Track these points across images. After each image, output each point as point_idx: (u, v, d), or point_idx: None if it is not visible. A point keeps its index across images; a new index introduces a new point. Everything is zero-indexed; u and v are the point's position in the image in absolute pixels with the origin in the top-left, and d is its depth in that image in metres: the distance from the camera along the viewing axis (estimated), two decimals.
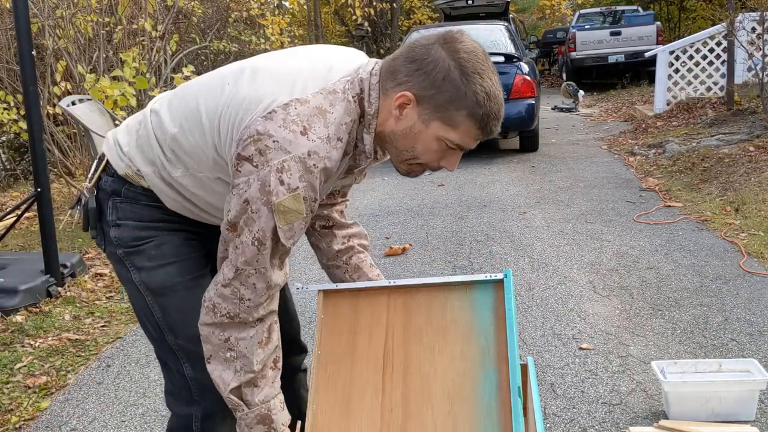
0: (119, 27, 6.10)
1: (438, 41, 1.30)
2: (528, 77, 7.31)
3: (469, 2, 11.31)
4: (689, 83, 9.42)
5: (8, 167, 7.61)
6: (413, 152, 1.35)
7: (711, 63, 9.24)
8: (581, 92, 12.21)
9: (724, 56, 8.48)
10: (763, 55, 6.90)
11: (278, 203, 1.23)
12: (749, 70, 7.56)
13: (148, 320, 1.50)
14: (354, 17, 14.14)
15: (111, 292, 3.94)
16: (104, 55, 5.93)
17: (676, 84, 9.45)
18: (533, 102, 7.20)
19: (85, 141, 5.46)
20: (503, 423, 1.40)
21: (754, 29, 7.22)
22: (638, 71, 13.89)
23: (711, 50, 9.17)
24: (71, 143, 6.17)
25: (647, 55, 10.38)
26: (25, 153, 7.37)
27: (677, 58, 9.34)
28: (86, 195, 1.48)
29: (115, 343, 3.24)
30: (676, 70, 9.39)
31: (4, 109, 5.55)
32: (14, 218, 4.10)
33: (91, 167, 1.51)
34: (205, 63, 9.61)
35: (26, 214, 4.52)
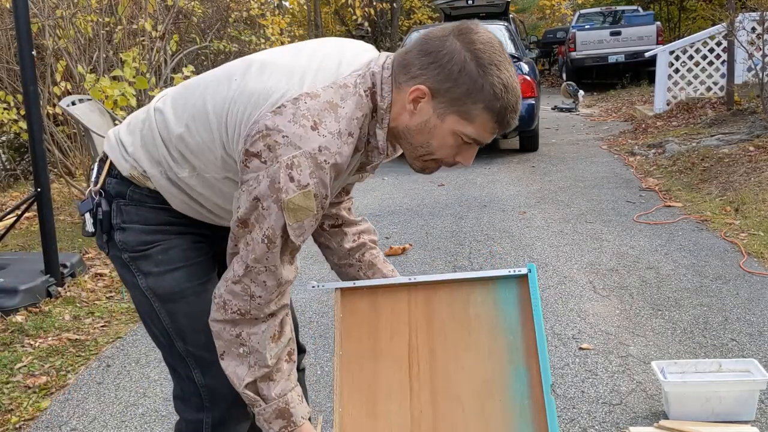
0: (119, 27, 6.10)
1: (453, 33, 1.25)
2: (528, 77, 7.32)
3: (470, 2, 11.30)
4: (689, 83, 9.43)
5: (8, 167, 7.60)
6: (428, 148, 1.31)
7: (711, 63, 9.25)
8: (581, 92, 12.21)
9: (724, 56, 8.48)
10: (763, 55, 6.89)
11: (288, 200, 1.20)
12: (749, 70, 7.56)
13: (155, 325, 1.46)
14: (354, 17, 14.14)
15: (111, 292, 3.94)
16: (104, 55, 5.92)
17: (676, 84, 9.46)
18: (533, 102, 7.21)
19: (85, 141, 5.46)
20: (538, 422, 1.37)
21: (754, 29, 7.22)
22: (638, 71, 13.91)
23: (711, 50, 9.17)
24: (71, 143, 6.17)
25: (647, 55, 10.39)
26: (25, 153, 7.37)
27: (677, 58, 9.34)
28: (94, 198, 1.42)
29: (115, 343, 3.24)
30: (676, 70, 9.39)
31: (4, 109, 5.54)
32: (14, 218, 4.10)
33: (94, 169, 1.45)
34: (205, 63, 9.60)
35: (26, 214, 4.52)
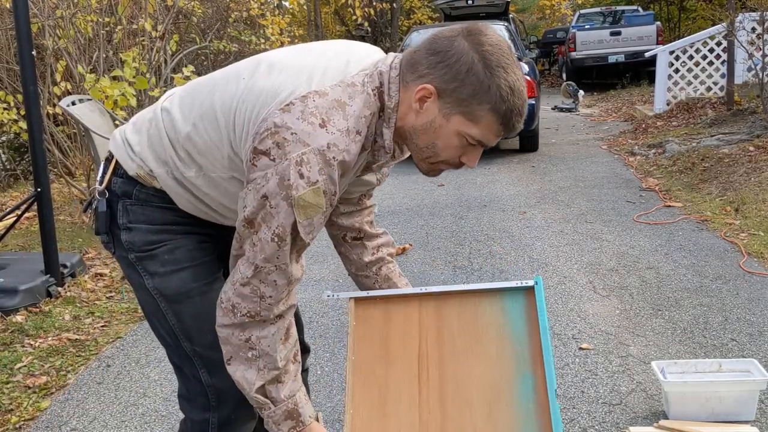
0: (119, 27, 6.09)
1: (461, 33, 1.25)
2: (528, 77, 7.32)
3: (470, 2, 11.32)
4: (689, 83, 9.43)
5: (8, 167, 7.60)
6: (434, 149, 1.31)
7: (711, 63, 9.25)
8: (581, 92, 12.21)
9: (724, 56, 8.48)
10: (763, 55, 6.89)
11: (298, 197, 1.20)
12: (749, 70, 7.56)
13: (161, 326, 1.46)
14: (354, 17, 14.12)
15: (111, 292, 3.94)
16: (104, 55, 5.91)
17: (676, 84, 9.46)
18: (533, 102, 7.24)
19: (85, 141, 5.46)
20: (543, 426, 1.42)
21: (754, 29, 7.22)
22: (638, 71, 13.91)
23: (711, 50, 9.17)
24: (71, 143, 6.16)
25: (647, 55, 10.39)
26: (25, 153, 7.36)
27: (677, 58, 9.35)
28: (98, 197, 1.43)
29: (115, 343, 3.24)
30: (676, 70, 9.39)
31: (4, 109, 5.54)
32: (14, 218, 4.10)
33: (100, 168, 1.46)
34: (205, 63, 9.60)
35: (26, 214, 4.52)
